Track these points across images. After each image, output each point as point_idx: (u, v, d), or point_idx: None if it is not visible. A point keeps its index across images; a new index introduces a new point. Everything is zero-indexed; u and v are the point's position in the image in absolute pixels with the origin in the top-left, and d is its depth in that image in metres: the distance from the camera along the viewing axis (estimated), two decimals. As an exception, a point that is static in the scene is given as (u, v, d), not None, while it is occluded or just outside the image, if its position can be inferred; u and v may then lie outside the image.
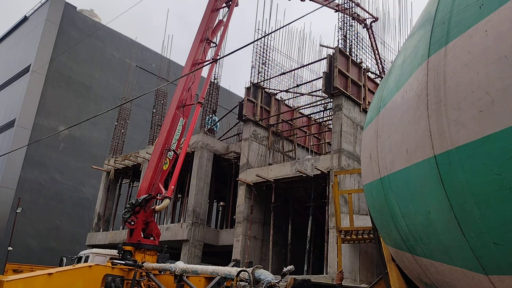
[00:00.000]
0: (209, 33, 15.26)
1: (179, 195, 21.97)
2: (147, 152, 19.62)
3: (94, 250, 14.35)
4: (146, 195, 12.05)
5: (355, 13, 18.00)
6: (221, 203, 24.31)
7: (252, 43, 17.06)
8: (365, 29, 19.89)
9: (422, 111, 3.02)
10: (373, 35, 19.98)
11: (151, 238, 11.89)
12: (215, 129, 20.26)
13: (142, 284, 10.15)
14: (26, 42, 32.09)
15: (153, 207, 12.16)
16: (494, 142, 2.48)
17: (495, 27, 2.50)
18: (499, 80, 2.44)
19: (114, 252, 12.62)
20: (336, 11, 19.48)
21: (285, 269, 6.44)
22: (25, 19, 34.15)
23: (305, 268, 14.66)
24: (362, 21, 19.81)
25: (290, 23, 10.14)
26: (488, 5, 2.58)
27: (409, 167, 3.29)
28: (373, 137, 4.08)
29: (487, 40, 2.54)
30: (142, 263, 10.42)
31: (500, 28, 2.47)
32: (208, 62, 15.05)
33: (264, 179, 15.69)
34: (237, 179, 16.97)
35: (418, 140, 3.11)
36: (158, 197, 12.29)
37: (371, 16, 20.12)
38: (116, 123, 23.62)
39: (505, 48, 2.42)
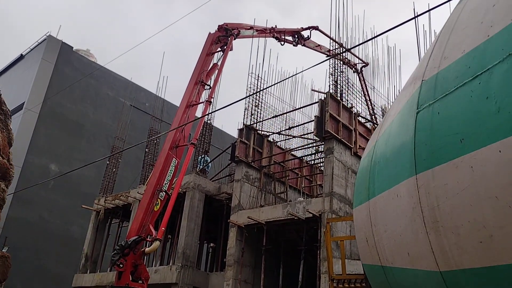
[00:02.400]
0: (204, 75, 15.62)
1: (169, 236, 21.65)
2: (138, 192, 19.48)
3: (80, 293, 13.96)
4: (136, 236, 11.90)
5: (345, 58, 18.57)
6: (212, 245, 23.95)
7: (244, 98, 17.45)
8: (355, 73, 20.46)
9: (419, 224, 3.03)
10: (364, 80, 20.52)
11: (140, 282, 11.65)
12: (207, 169, 20.28)
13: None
14: (21, 80, 32.38)
15: (142, 249, 11.99)
16: (500, 273, 2.42)
17: (480, 165, 2.49)
18: (494, 218, 2.41)
19: (101, 295, 12.32)
20: (328, 56, 20.10)
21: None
22: (21, 57, 34.62)
23: (297, 314, 14.34)
24: (352, 66, 20.40)
25: (293, 75, 10.43)
26: (469, 142, 2.59)
27: (415, 270, 3.27)
28: (367, 222, 4.09)
29: (474, 176, 2.52)
30: (130, 308, 10.17)
31: (486, 169, 2.46)
32: (201, 103, 15.30)
33: (256, 221, 15.60)
34: (228, 220, 16.84)
35: (420, 249, 3.10)
36: (148, 239, 12.15)
37: (361, 61, 20.74)
38: (107, 162, 23.55)
39: (495, 189, 2.39)
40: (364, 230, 4.24)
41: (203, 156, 19.67)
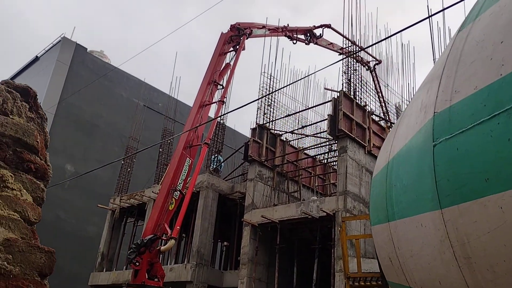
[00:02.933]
0: (217, 75, 15.68)
1: (184, 235, 21.81)
2: (152, 191, 19.66)
3: (97, 291, 14.15)
4: (152, 235, 12.02)
5: (358, 56, 18.47)
6: (225, 243, 24.05)
7: (257, 100, 17.48)
8: (368, 71, 20.34)
9: (450, 258, 3.07)
10: (377, 78, 20.39)
11: (156, 280, 11.77)
12: (219, 169, 20.36)
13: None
14: (37, 81, 32.85)
15: (158, 248, 12.11)
16: None
17: (510, 207, 2.52)
18: None
19: (118, 294, 12.48)
20: (340, 54, 20.02)
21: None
22: (36, 59, 35.14)
23: (311, 313, 14.34)
24: (365, 64, 20.28)
25: (306, 76, 10.42)
26: (495, 182, 2.63)
27: None
28: (389, 243, 4.13)
29: (505, 216, 2.56)
30: (146, 306, 10.28)
31: None
32: (214, 103, 15.37)
33: (269, 220, 15.63)
34: (242, 219, 16.90)
35: (453, 281, 3.14)
36: (164, 238, 12.26)
37: (374, 59, 20.61)
38: (122, 162, 23.80)
39: None
40: (386, 250, 4.29)
41: (215, 155, 19.76)
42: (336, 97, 15.14)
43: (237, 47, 16.58)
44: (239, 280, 15.87)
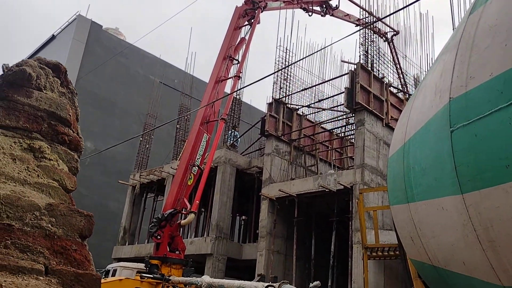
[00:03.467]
0: (232, 50, 15.60)
1: (203, 210, 22.22)
2: (171, 167, 19.97)
3: (122, 263, 14.63)
4: (172, 209, 12.29)
5: (376, 27, 18.13)
6: (243, 217, 24.44)
7: (273, 74, 17.37)
8: (386, 43, 19.99)
9: (473, 241, 3.14)
10: (395, 49, 20.04)
11: (177, 252, 12.09)
12: (236, 144, 20.52)
13: (168, 297, 10.34)
14: (54, 59, 33.17)
15: (178, 222, 12.40)
16: None
17: None
18: None
19: (141, 265, 12.87)
20: (357, 25, 19.68)
21: (311, 285, 6.52)
22: (52, 38, 35.40)
23: (329, 284, 14.61)
24: (383, 35, 19.92)
25: (322, 48, 10.32)
26: None
27: (473, 279, 3.39)
28: (409, 223, 4.22)
29: None
30: (169, 276, 10.61)
31: None
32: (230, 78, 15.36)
33: (287, 194, 15.79)
34: (260, 193, 17.11)
35: (477, 263, 3.22)
36: (183, 212, 12.53)
37: (392, 30, 20.22)
38: (141, 139, 24.14)
39: None
40: (407, 229, 4.40)
41: (232, 131, 19.88)
42: (353, 69, 14.97)
43: (252, 21, 16.42)
44: (258, 253, 16.20)
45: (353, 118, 17.07)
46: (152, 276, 10.46)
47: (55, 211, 2.26)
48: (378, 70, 16.07)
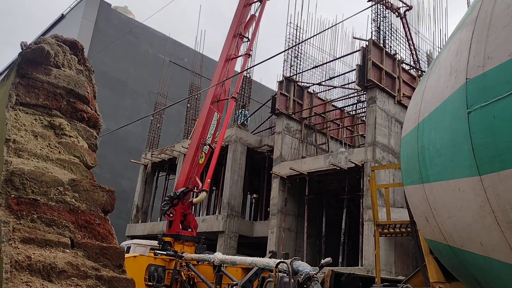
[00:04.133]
0: (242, 28, 15.44)
1: (214, 188, 22.42)
2: (182, 146, 20.10)
3: (135, 240, 14.92)
4: (184, 188, 12.40)
5: (388, 2, 17.77)
6: (255, 196, 24.63)
7: (284, 52, 17.17)
8: (398, 18, 19.61)
9: (491, 222, 3.12)
10: (407, 25, 19.66)
11: (189, 230, 12.25)
12: (246, 123, 20.52)
13: (182, 273, 10.55)
14: (64, 40, 33.18)
15: (190, 200, 12.53)
16: None
17: None
18: None
19: (154, 243, 13.09)
20: (369, 0, 19.31)
21: (322, 261, 6.60)
22: (62, 17, 35.31)
23: (340, 260, 14.77)
24: (395, 10, 19.52)
25: (334, 25, 10.17)
26: None
27: (491, 259, 3.39)
28: (424, 204, 4.22)
29: None
30: (182, 253, 10.80)
31: None
32: (241, 56, 15.27)
33: (298, 172, 15.84)
34: (271, 172, 17.19)
35: (495, 243, 3.22)
36: (195, 190, 12.65)
37: (405, 5, 19.80)
38: (152, 118, 24.26)
39: None
40: (422, 209, 4.40)
41: (241, 110, 19.85)
42: (364, 46, 14.77)
43: (262, -3, 16.18)
44: (269, 230, 16.38)
45: (364, 95, 16.93)
46: (165, 253, 10.64)
47: (78, 187, 2.31)
48: (390, 47, 15.84)
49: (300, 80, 18.84)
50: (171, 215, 12.01)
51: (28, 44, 2.49)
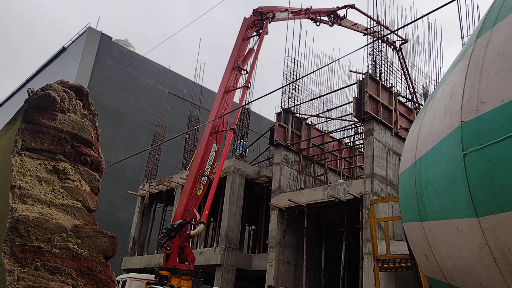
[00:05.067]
0: (240, 61, 15.73)
1: (212, 220, 22.23)
2: (180, 177, 20.05)
3: (131, 274, 14.68)
4: (181, 220, 12.30)
5: (384, 36, 18.16)
6: (253, 227, 24.39)
7: (282, 88, 17.46)
8: (394, 51, 19.99)
9: (491, 264, 3.17)
10: (403, 58, 20.04)
11: (186, 263, 12.09)
12: (244, 154, 20.55)
13: (179, 309, 10.34)
14: (65, 71, 33.59)
15: (188, 232, 12.41)
16: None
17: None
18: None
19: (151, 276, 12.88)
20: (365, 34, 19.73)
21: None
22: (63, 49, 35.85)
23: (340, 294, 14.51)
24: (391, 44, 19.93)
25: (331, 63, 10.39)
26: None
27: None
28: (423, 241, 4.27)
29: None
30: (179, 288, 10.63)
31: None
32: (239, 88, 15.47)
33: (296, 203, 15.77)
34: (269, 203, 17.10)
35: (496, 286, 3.26)
36: (193, 222, 12.55)
37: (400, 39, 20.23)
38: (150, 149, 24.29)
39: None
40: (421, 247, 4.45)
41: (240, 141, 19.94)
42: (361, 79, 15.00)
43: (260, 31, 16.56)
44: (267, 263, 16.15)
45: (362, 127, 17.07)
46: (162, 287, 10.46)
47: (81, 233, 2.32)
48: (387, 80, 16.09)
49: (298, 112, 19.02)
50: (168, 248, 11.87)
51: (35, 91, 2.55)
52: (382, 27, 17.43)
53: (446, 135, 3.61)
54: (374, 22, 17.21)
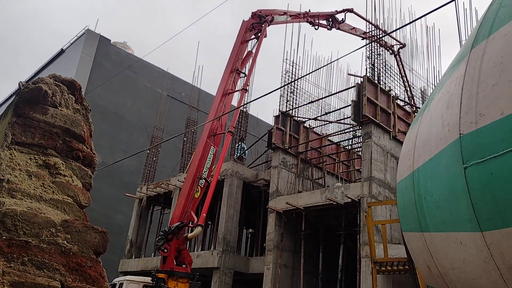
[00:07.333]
0: (239, 64, 15.71)
1: (209, 222, 22.15)
2: (178, 180, 19.99)
3: (128, 277, 14.60)
4: (179, 222, 12.25)
5: (382, 39, 18.19)
6: (250, 230, 24.32)
7: (280, 88, 17.45)
8: (392, 55, 20.02)
9: (497, 279, 3.13)
10: (401, 62, 20.08)
11: (184, 266, 12.03)
12: (244, 156, 20.51)
13: (175, 311, 10.27)
14: (63, 74, 33.08)
15: (185, 235, 12.36)
16: None
17: None
18: None
19: (148, 279, 12.82)
20: (363, 38, 19.76)
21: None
22: (61, 52, 35.82)
23: (337, 298, 14.45)
24: (389, 48, 19.97)
25: (329, 63, 10.39)
26: None
27: None
28: (425, 252, 4.23)
29: None
30: (176, 291, 10.55)
31: None
32: (237, 91, 15.46)
33: (294, 206, 15.73)
34: (267, 206, 17.05)
35: None
36: (190, 225, 12.49)
37: (398, 43, 20.27)
38: (148, 152, 24.23)
39: None
40: (423, 257, 4.40)
41: (239, 143, 19.91)
42: (359, 82, 15.00)
43: (259, 34, 16.55)
44: (265, 266, 16.09)
45: (360, 130, 17.06)
46: (159, 290, 10.40)
47: (71, 228, 2.28)
48: (385, 83, 16.09)
49: (296, 115, 19.00)
50: (165, 251, 11.81)
51: (26, 84, 2.51)
52: (381, 31, 17.46)
53: (445, 147, 3.57)
54: (373, 26, 17.25)
